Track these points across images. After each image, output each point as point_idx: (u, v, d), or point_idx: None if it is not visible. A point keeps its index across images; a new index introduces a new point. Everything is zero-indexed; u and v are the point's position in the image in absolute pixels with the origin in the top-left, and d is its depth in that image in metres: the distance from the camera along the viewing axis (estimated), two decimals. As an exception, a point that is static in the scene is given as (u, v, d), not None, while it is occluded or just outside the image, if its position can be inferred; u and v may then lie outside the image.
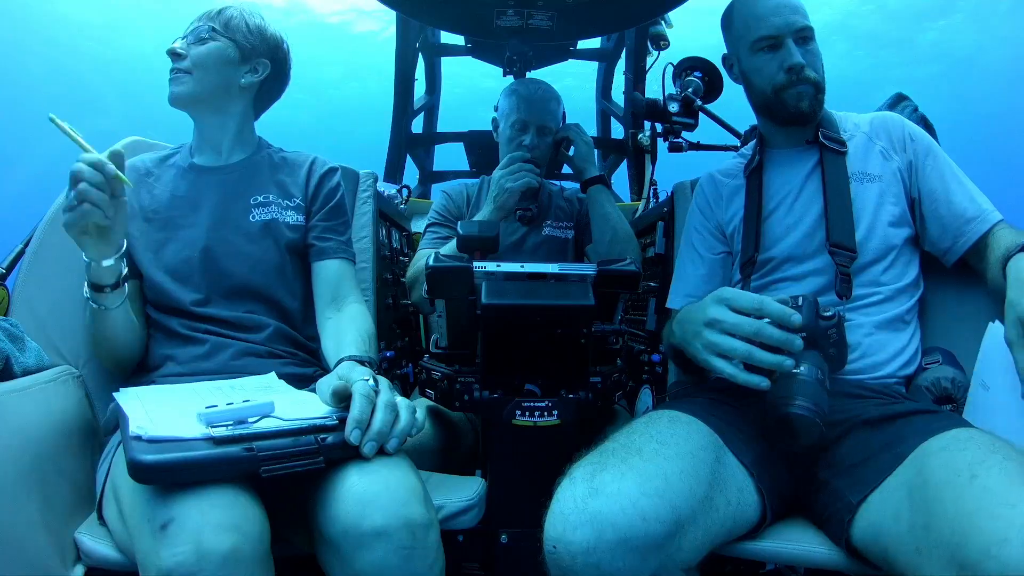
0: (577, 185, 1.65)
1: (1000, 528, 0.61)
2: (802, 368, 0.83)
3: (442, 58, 2.79)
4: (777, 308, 0.83)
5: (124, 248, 0.96)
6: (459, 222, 1.24)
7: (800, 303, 0.87)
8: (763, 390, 0.82)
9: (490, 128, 1.71)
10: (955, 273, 1.08)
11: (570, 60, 2.58)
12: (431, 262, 0.99)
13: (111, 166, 0.87)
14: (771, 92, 1.11)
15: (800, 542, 0.86)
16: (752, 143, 1.24)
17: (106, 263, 0.94)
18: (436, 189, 2.83)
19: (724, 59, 1.22)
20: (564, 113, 1.67)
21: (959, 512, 0.65)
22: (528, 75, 2.16)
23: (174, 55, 1.11)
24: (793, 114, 1.11)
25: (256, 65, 1.16)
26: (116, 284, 0.97)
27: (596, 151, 2.80)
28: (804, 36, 1.09)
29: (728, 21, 1.17)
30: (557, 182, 1.82)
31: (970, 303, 1.07)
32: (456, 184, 1.76)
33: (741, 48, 1.15)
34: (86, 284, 0.97)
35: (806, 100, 1.09)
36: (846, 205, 1.06)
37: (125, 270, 0.98)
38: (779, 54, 1.09)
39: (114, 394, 0.87)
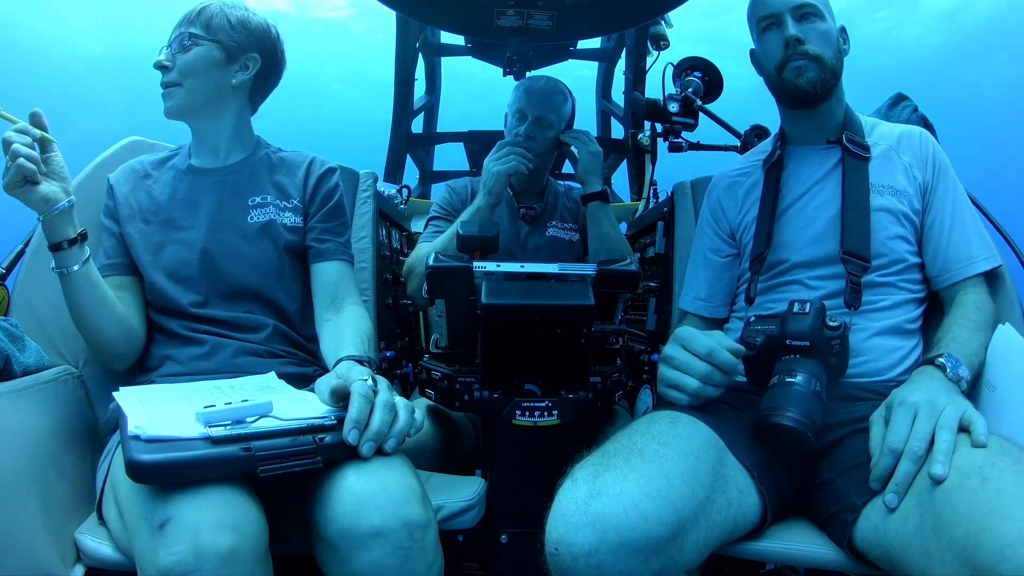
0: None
1: (1015, 530, 0.61)
2: (799, 378, 0.83)
3: (442, 58, 2.79)
4: (726, 360, 0.87)
5: (71, 201, 0.95)
6: (459, 222, 1.24)
7: (807, 309, 0.88)
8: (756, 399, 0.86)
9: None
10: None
11: (570, 60, 2.58)
12: (431, 262, 0.98)
13: (35, 130, 0.91)
14: (775, 71, 1.09)
15: (800, 542, 0.86)
16: (772, 137, 1.22)
17: (55, 210, 0.93)
18: (436, 189, 2.83)
19: (751, 55, 1.18)
20: (573, 110, 1.64)
21: (972, 514, 0.65)
22: (529, 75, 2.16)
23: (160, 68, 1.10)
24: (794, 91, 1.07)
25: (246, 61, 1.14)
26: (74, 239, 0.96)
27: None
28: (805, 13, 1.07)
29: (748, 14, 1.16)
30: (563, 182, 1.81)
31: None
32: (462, 180, 1.73)
33: (754, 36, 1.14)
34: (52, 256, 0.96)
35: (805, 76, 1.06)
36: (864, 213, 1.04)
37: (81, 228, 0.98)
38: (780, 31, 1.08)
39: (114, 393, 0.87)
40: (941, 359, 0.87)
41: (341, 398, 0.82)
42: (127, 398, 0.85)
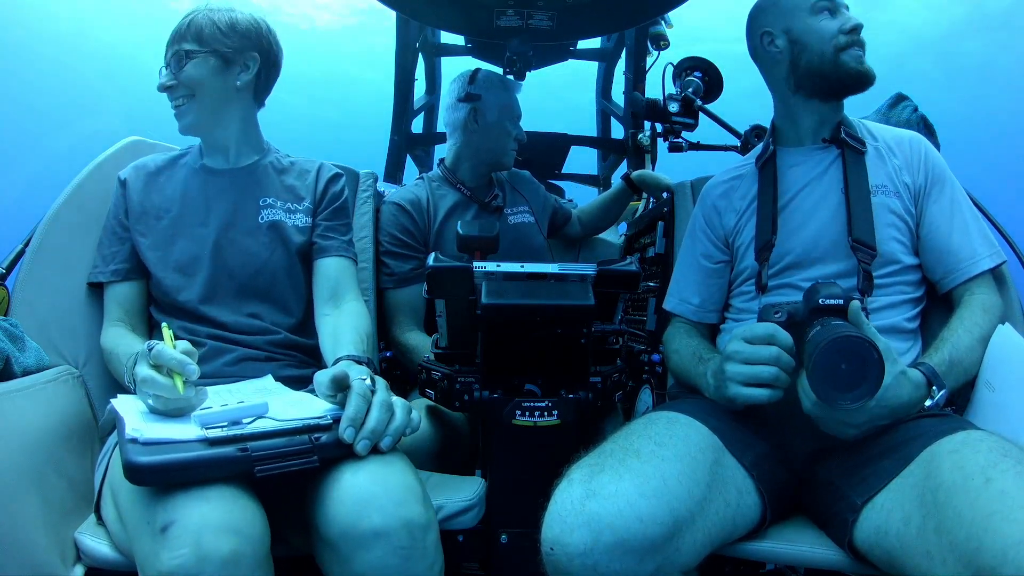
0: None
1: (1018, 531, 0.61)
2: (837, 320, 0.81)
3: (442, 58, 2.79)
4: (782, 336, 0.86)
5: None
6: (459, 222, 1.23)
7: (834, 282, 0.88)
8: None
9: None
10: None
11: (570, 60, 2.57)
12: (431, 262, 0.98)
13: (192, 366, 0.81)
14: (832, 52, 1.08)
15: (800, 542, 0.86)
16: (762, 145, 1.20)
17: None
18: (384, 209, 2.77)
19: (760, 36, 1.15)
20: None
21: (975, 516, 0.65)
22: (528, 75, 2.15)
23: (165, 89, 1.11)
24: (851, 76, 1.08)
25: (246, 62, 1.14)
26: None
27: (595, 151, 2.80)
28: (846, 4, 1.11)
29: None
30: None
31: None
32: (407, 195, 1.56)
33: (795, 15, 1.11)
34: (132, 368, 0.85)
35: (865, 63, 1.08)
36: (867, 204, 1.04)
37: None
38: (838, 18, 1.09)
39: (111, 400, 0.87)
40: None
41: (342, 387, 0.83)
42: (123, 403, 0.85)
